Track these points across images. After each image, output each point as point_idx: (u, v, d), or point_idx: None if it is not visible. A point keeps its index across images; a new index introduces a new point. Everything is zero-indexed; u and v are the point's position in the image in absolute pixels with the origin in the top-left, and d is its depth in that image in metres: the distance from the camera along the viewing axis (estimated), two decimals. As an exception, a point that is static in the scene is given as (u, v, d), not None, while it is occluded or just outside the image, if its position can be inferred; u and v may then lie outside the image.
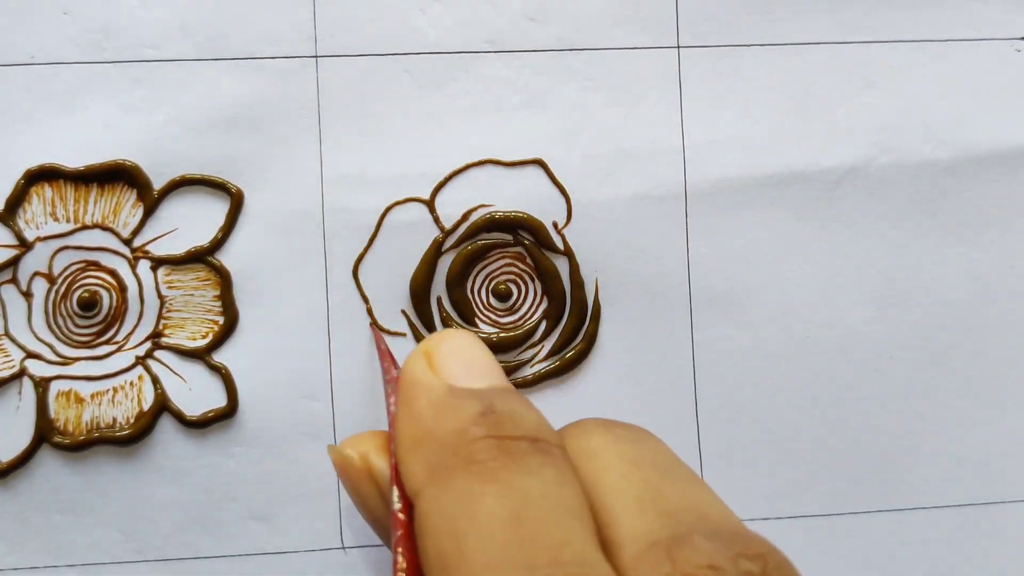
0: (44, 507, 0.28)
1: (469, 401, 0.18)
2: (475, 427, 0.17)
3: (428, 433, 0.18)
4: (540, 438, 0.18)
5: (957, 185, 0.29)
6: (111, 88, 0.28)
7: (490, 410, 0.18)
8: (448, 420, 0.18)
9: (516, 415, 0.18)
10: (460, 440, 0.17)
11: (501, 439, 0.17)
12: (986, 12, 0.29)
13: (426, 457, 0.18)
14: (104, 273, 0.28)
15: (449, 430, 0.18)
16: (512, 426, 0.18)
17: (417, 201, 0.28)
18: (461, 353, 0.20)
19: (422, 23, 0.28)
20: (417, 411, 0.19)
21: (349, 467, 0.21)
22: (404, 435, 0.19)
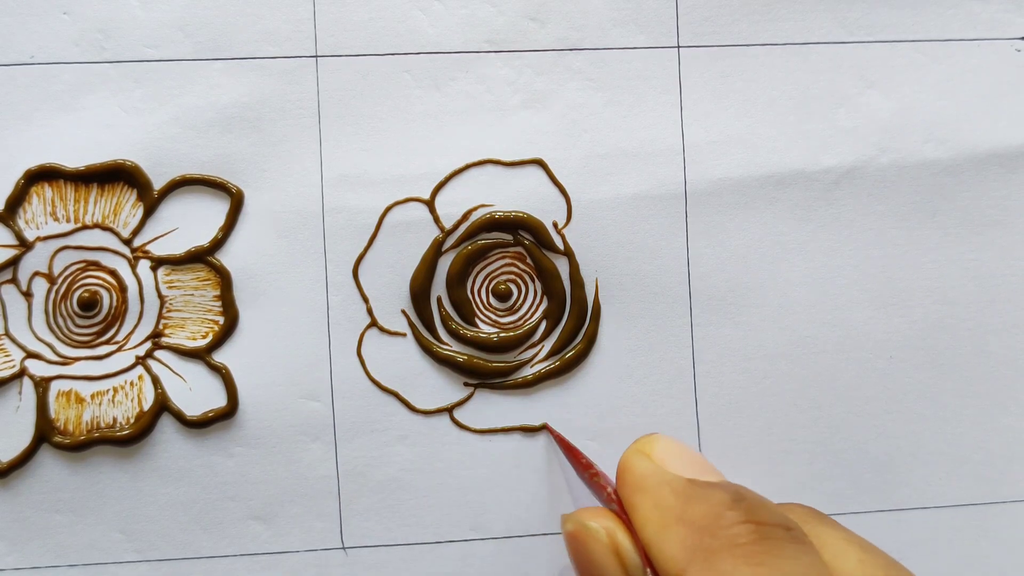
0: (44, 507, 0.28)
1: (715, 489, 0.19)
2: (730, 512, 0.18)
3: (679, 518, 0.19)
4: (791, 527, 0.19)
5: (957, 185, 0.29)
6: (111, 88, 0.28)
7: (740, 497, 0.19)
8: (700, 506, 0.19)
9: (764, 504, 0.19)
10: (716, 524, 0.18)
11: (759, 524, 0.18)
12: (986, 12, 0.29)
13: (682, 540, 0.18)
14: (104, 273, 0.28)
15: (702, 514, 0.19)
16: (765, 513, 0.19)
17: (417, 201, 0.28)
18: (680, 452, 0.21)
19: (422, 23, 0.28)
20: (661, 499, 0.20)
21: (593, 540, 0.21)
22: (651, 519, 0.20)
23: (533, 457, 0.28)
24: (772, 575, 0.17)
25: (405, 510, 0.28)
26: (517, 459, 0.28)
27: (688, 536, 0.18)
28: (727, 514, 0.18)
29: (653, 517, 0.20)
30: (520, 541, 0.28)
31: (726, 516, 0.18)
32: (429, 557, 0.28)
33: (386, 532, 0.28)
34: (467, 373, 0.28)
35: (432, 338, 0.29)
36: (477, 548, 0.28)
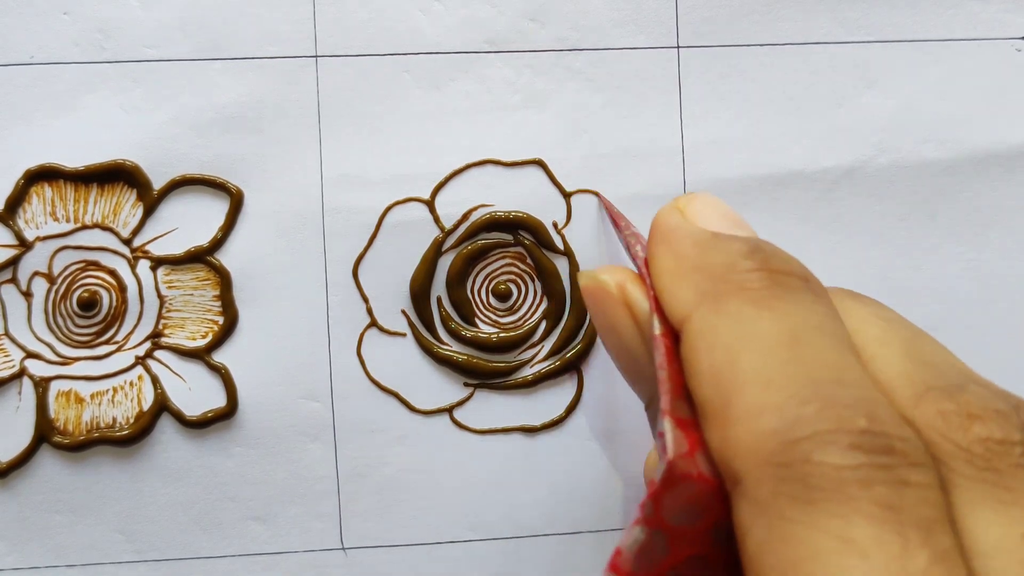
0: (44, 507, 0.28)
1: (735, 241, 0.18)
2: (745, 260, 0.18)
3: (695, 266, 0.18)
4: (809, 278, 0.18)
5: (957, 185, 0.29)
6: (111, 88, 0.28)
7: (757, 248, 0.18)
8: (716, 254, 0.18)
9: (783, 255, 0.18)
10: (730, 271, 0.18)
11: (773, 271, 0.18)
12: (986, 12, 0.29)
13: (695, 284, 0.18)
14: (104, 273, 0.28)
15: (718, 262, 0.18)
16: (781, 263, 0.18)
17: (417, 201, 0.28)
18: (715, 207, 0.21)
19: (422, 23, 0.28)
20: (681, 250, 0.19)
21: (603, 293, 0.21)
22: (666, 268, 0.19)
23: (533, 457, 0.28)
24: (778, 317, 0.17)
25: (405, 510, 0.28)
26: (517, 459, 0.28)
27: (700, 282, 0.18)
28: (742, 262, 0.18)
29: (669, 266, 0.19)
30: (520, 541, 0.28)
31: (740, 263, 0.18)
32: (429, 557, 0.28)
33: (386, 532, 0.28)
34: (467, 373, 0.28)
35: (432, 338, 0.29)
36: (477, 548, 0.28)
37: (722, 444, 0.16)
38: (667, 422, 0.17)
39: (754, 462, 0.15)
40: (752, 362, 0.16)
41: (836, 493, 0.14)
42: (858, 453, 0.14)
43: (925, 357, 0.18)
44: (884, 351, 0.18)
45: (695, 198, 0.21)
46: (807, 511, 0.14)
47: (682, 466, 0.16)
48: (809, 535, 0.14)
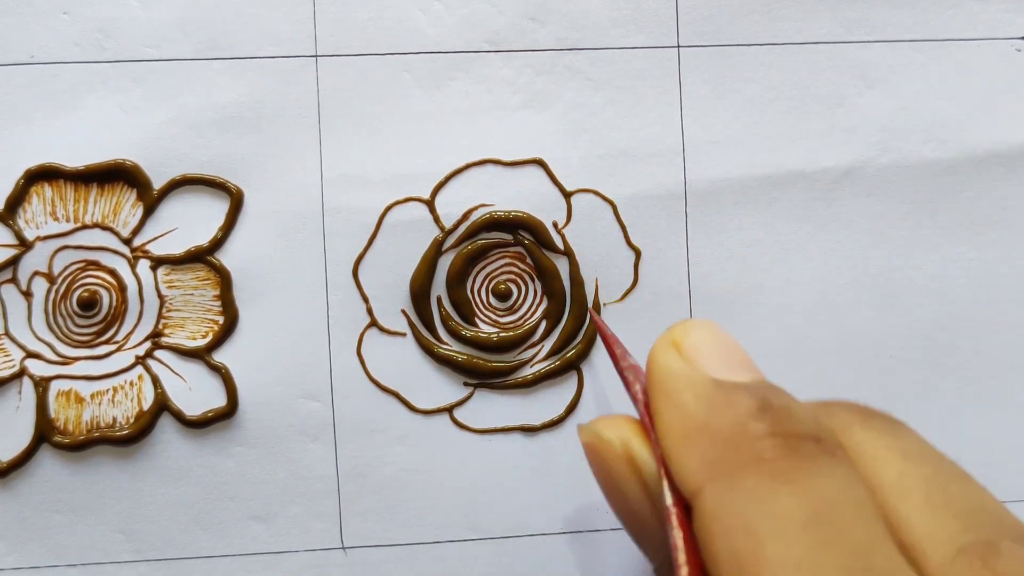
0: (44, 507, 0.28)
1: (741, 395, 0.17)
2: (756, 423, 0.17)
3: (701, 429, 0.17)
4: (822, 438, 0.17)
5: (957, 185, 0.29)
6: (111, 88, 0.28)
7: (767, 405, 0.17)
8: (723, 415, 0.17)
9: (793, 412, 0.17)
10: (741, 437, 0.17)
11: (787, 437, 0.16)
12: (986, 12, 0.29)
13: (703, 453, 0.17)
14: (104, 273, 0.28)
15: (726, 425, 0.17)
16: (793, 424, 0.17)
17: (417, 201, 0.28)
18: (714, 344, 0.19)
19: (422, 23, 0.28)
20: (683, 404, 0.18)
21: (607, 452, 0.19)
22: (672, 429, 0.18)
23: (533, 457, 0.28)
24: (799, 493, 0.16)
25: (405, 510, 0.28)
26: (517, 459, 0.28)
27: (709, 449, 0.17)
28: (752, 425, 0.17)
29: (674, 426, 0.18)
30: (520, 541, 0.28)
31: (751, 428, 0.17)
32: (429, 557, 0.28)
33: (386, 532, 0.28)
34: (467, 373, 0.28)
35: (432, 338, 0.29)
36: (477, 548, 0.28)
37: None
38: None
39: None
40: (777, 550, 0.15)
41: None
42: None
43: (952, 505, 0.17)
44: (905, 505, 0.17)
45: (691, 330, 0.19)
46: None
47: None
48: None
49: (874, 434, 0.18)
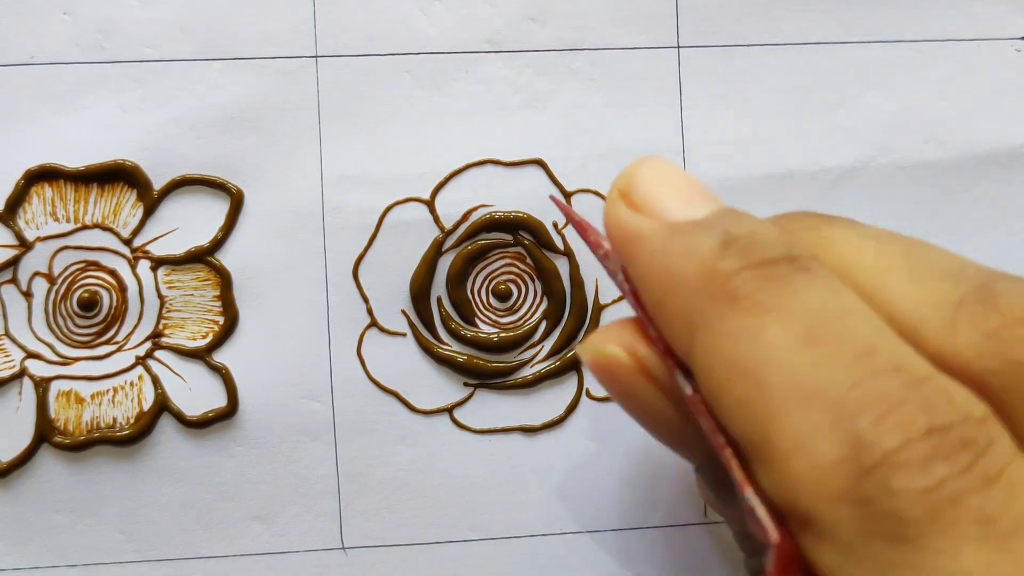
0: (44, 507, 0.28)
1: (701, 236, 0.16)
2: (722, 262, 0.15)
3: (669, 286, 0.16)
4: (795, 255, 0.16)
5: (957, 185, 0.29)
6: (111, 88, 0.28)
7: (730, 239, 0.16)
8: (687, 264, 0.16)
9: (759, 237, 0.16)
10: (711, 281, 0.15)
11: (758, 267, 0.15)
12: (986, 12, 0.29)
13: (680, 311, 0.16)
14: (104, 273, 0.28)
15: (692, 274, 0.15)
16: (762, 250, 0.15)
17: (417, 201, 0.28)
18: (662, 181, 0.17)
19: (422, 23, 0.28)
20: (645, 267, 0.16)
21: (616, 367, 0.17)
22: (648, 296, 0.16)
23: (533, 457, 0.28)
24: (783, 319, 0.14)
25: (405, 510, 0.28)
26: (517, 459, 0.28)
27: (684, 305, 0.15)
28: (719, 265, 0.15)
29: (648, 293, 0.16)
30: (520, 541, 0.28)
31: (719, 268, 0.15)
32: (429, 557, 0.28)
33: (386, 532, 0.28)
34: (467, 373, 0.28)
35: (432, 338, 0.29)
36: (477, 548, 0.28)
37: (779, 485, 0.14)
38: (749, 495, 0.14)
39: (827, 500, 0.13)
40: (778, 380, 0.14)
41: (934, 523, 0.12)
42: (938, 464, 0.13)
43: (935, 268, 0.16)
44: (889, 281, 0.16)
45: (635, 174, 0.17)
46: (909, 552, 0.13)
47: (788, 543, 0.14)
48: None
49: (841, 228, 0.17)
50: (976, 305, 0.15)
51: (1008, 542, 0.12)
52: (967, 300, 0.15)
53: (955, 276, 0.15)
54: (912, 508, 0.13)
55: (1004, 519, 0.12)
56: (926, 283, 0.15)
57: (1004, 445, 0.13)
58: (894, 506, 0.13)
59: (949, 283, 0.15)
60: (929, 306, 0.15)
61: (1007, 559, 0.12)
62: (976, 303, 0.15)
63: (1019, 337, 0.14)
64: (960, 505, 0.12)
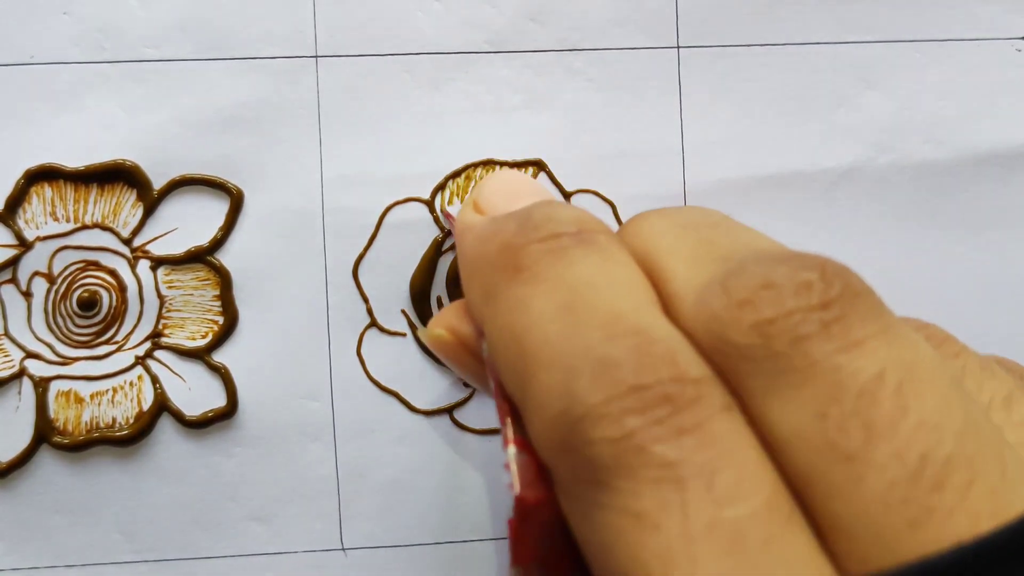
0: (44, 507, 0.28)
1: (507, 220, 0.18)
2: (515, 238, 0.17)
3: (477, 265, 0.18)
4: (583, 230, 0.17)
5: (957, 185, 0.29)
6: (111, 88, 0.28)
7: (525, 219, 0.17)
8: (491, 243, 0.18)
9: (554, 215, 0.17)
10: (506, 256, 0.17)
11: (543, 240, 0.17)
12: (986, 12, 0.29)
13: (480, 285, 0.17)
14: (104, 273, 0.28)
15: (493, 252, 0.17)
16: (551, 225, 0.17)
17: (417, 201, 0.28)
18: (501, 187, 0.20)
19: (422, 23, 0.28)
20: (467, 250, 0.18)
21: (443, 344, 0.21)
22: (462, 277, 0.18)
23: (533, 457, 0.28)
24: (551, 291, 0.16)
25: (405, 510, 0.28)
26: (517, 459, 0.28)
27: (482, 280, 0.17)
28: (512, 241, 0.17)
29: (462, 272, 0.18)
30: (520, 541, 0.28)
31: (512, 242, 0.17)
32: (429, 557, 0.28)
33: (386, 533, 0.28)
34: (467, 373, 0.28)
35: (432, 338, 0.28)
36: (477, 548, 0.28)
37: (532, 438, 0.15)
38: (511, 450, 0.16)
39: (551, 451, 0.15)
40: (534, 345, 0.16)
41: (619, 468, 0.14)
42: (630, 417, 0.14)
43: (713, 252, 0.17)
44: (672, 261, 0.17)
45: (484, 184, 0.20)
46: (600, 493, 0.14)
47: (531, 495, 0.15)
48: (608, 517, 0.14)
49: (659, 214, 0.18)
50: (715, 287, 0.16)
51: (682, 484, 0.13)
52: (713, 282, 0.16)
53: (724, 259, 0.16)
54: (603, 455, 0.14)
55: (685, 465, 0.14)
56: (697, 265, 0.17)
57: (710, 403, 0.14)
58: (591, 453, 0.14)
59: (714, 265, 0.16)
60: (691, 286, 0.16)
61: (676, 498, 0.13)
62: (716, 284, 0.16)
63: (732, 320, 0.15)
64: (643, 453, 0.14)
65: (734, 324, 0.15)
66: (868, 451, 0.14)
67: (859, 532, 0.13)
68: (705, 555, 0.13)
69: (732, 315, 0.15)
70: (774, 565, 0.13)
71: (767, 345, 0.15)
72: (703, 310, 0.15)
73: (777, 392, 0.14)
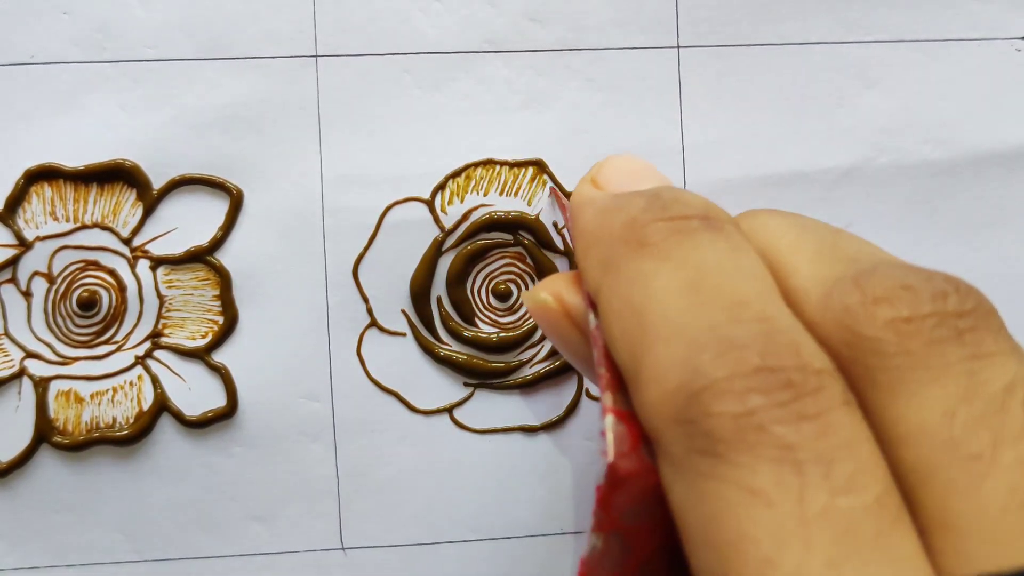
0: (44, 507, 0.28)
1: (635, 198, 0.18)
2: (643, 214, 0.17)
3: (597, 236, 0.18)
4: (710, 216, 0.17)
5: (957, 185, 0.29)
6: (111, 88, 0.28)
7: (655, 198, 0.18)
8: (616, 218, 0.18)
9: (682, 198, 0.18)
10: (631, 231, 0.17)
11: (671, 220, 0.17)
12: (986, 12, 0.29)
13: (599, 256, 0.18)
14: (104, 273, 0.28)
15: (618, 226, 0.17)
16: (680, 207, 0.17)
17: (417, 201, 0.28)
18: (623, 166, 0.20)
19: (422, 23, 0.28)
20: (588, 222, 0.18)
21: (547, 310, 0.20)
22: (578, 248, 0.19)
23: (533, 457, 0.28)
24: (676, 267, 0.16)
25: (405, 510, 0.28)
26: (517, 459, 0.28)
27: (603, 251, 0.17)
28: (640, 217, 0.17)
29: (579, 244, 0.19)
30: (520, 541, 0.28)
31: (639, 219, 0.17)
32: (429, 558, 0.28)
33: (386, 533, 0.28)
34: (467, 373, 0.28)
35: (432, 338, 0.29)
36: (477, 548, 0.28)
37: (641, 408, 0.16)
38: (609, 419, 0.16)
39: (665, 421, 0.15)
40: (655, 318, 0.16)
41: (738, 443, 0.14)
42: (754, 396, 0.14)
43: (839, 253, 0.17)
44: (795, 258, 0.17)
45: (605, 163, 0.21)
46: (715, 465, 0.14)
47: (624, 465, 0.16)
48: (719, 489, 0.14)
49: (777, 215, 0.19)
50: (847, 283, 0.16)
51: (801, 467, 0.14)
52: (844, 278, 0.16)
53: (852, 260, 0.17)
54: (724, 428, 0.14)
55: (804, 450, 0.14)
56: (823, 263, 0.17)
57: (832, 395, 0.15)
58: (710, 426, 0.14)
59: (843, 265, 0.17)
60: (817, 281, 0.16)
61: (795, 481, 0.14)
62: (848, 280, 0.16)
63: (866, 314, 0.15)
64: (764, 431, 0.14)
65: (868, 319, 0.15)
66: (994, 453, 0.14)
67: (973, 531, 0.14)
68: (818, 539, 0.13)
69: (867, 310, 0.15)
70: (882, 560, 0.13)
71: (901, 342, 0.15)
72: (834, 303, 0.16)
73: (905, 387, 0.15)
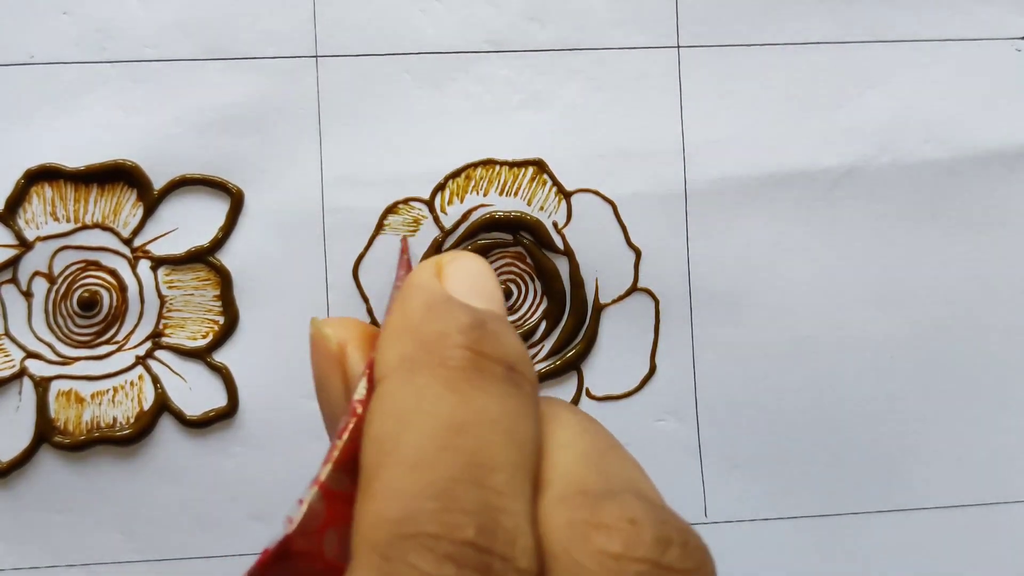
0: (44, 507, 0.28)
1: (462, 311, 0.18)
2: (458, 335, 0.17)
3: (412, 329, 0.18)
4: (517, 369, 0.17)
5: (957, 185, 0.29)
6: (111, 88, 0.28)
7: (479, 325, 0.17)
8: (437, 321, 0.17)
9: (502, 339, 0.17)
10: (439, 344, 0.17)
11: (479, 355, 0.17)
12: (986, 12, 0.29)
13: (402, 348, 0.17)
14: (104, 273, 0.28)
15: (433, 330, 0.17)
16: (494, 347, 0.17)
17: (417, 201, 0.28)
18: (471, 272, 0.20)
19: (422, 23, 0.28)
20: (410, 308, 0.18)
21: (323, 348, 0.20)
22: (389, 326, 0.18)
23: (533, 457, 0.28)
24: (459, 403, 0.16)
25: (405, 510, 0.28)
26: (517, 459, 0.28)
27: (408, 345, 0.17)
28: (455, 336, 0.17)
29: (393, 323, 0.18)
30: (520, 541, 0.28)
31: (452, 337, 0.17)
32: (429, 557, 0.28)
33: (386, 532, 0.28)
34: (467, 373, 0.28)
35: (432, 338, 0.28)
36: (477, 548, 0.28)
37: (356, 513, 0.16)
38: (313, 492, 0.16)
39: (367, 546, 0.15)
40: (412, 441, 0.16)
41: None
42: (449, 565, 0.14)
43: (601, 466, 0.17)
44: (561, 453, 0.17)
45: (457, 259, 0.20)
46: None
47: (301, 545, 0.16)
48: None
49: (571, 409, 0.19)
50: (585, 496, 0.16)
51: None
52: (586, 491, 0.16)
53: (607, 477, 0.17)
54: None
55: None
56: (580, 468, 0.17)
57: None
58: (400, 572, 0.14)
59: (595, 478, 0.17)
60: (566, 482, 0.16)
61: None
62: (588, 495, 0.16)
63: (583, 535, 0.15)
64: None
65: (582, 541, 0.15)
66: None
67: None
68: None
69: (584, 532, 0.15)
70: None
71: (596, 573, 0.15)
72: (563, 510, 0.16)
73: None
